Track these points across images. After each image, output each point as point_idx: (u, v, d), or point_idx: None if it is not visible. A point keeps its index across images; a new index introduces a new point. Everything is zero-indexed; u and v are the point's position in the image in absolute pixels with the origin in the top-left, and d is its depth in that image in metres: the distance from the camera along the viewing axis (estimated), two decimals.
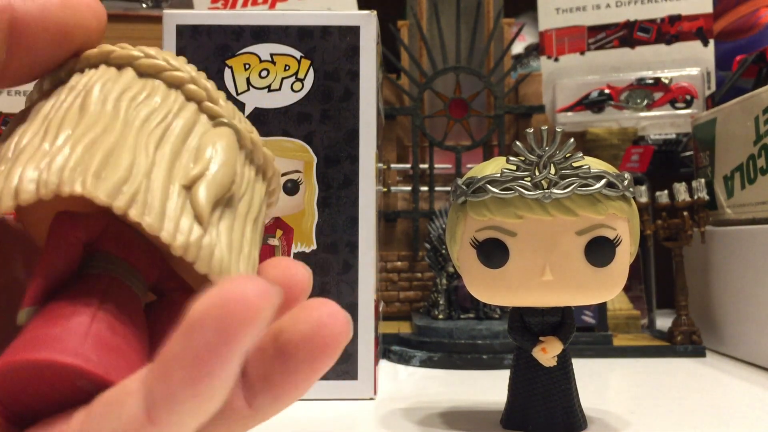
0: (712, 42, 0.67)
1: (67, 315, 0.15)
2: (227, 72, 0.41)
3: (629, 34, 0.68)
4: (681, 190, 0.54)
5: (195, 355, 0.13)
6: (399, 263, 0.65)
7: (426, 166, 0.66)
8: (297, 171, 0.41)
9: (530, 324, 0.33)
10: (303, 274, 0.19)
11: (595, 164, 0.30)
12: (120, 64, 0.19)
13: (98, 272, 0.17)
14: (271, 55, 0.41)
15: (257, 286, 0.13)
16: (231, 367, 0.13)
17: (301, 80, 0.41)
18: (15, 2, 0.18)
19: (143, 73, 0.19)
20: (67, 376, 0.15)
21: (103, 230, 0.18)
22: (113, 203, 0.15)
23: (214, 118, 0.19)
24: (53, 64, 0.19)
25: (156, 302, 0.19)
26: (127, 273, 0.18)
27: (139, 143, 0.17)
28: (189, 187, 0.17)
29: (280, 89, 0.41)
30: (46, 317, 0.15)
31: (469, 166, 0.50)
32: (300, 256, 0.40)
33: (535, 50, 0.80)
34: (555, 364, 0.32)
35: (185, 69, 0.19)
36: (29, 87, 0.20)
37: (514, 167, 0.30)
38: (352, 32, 0.41)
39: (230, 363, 0.13)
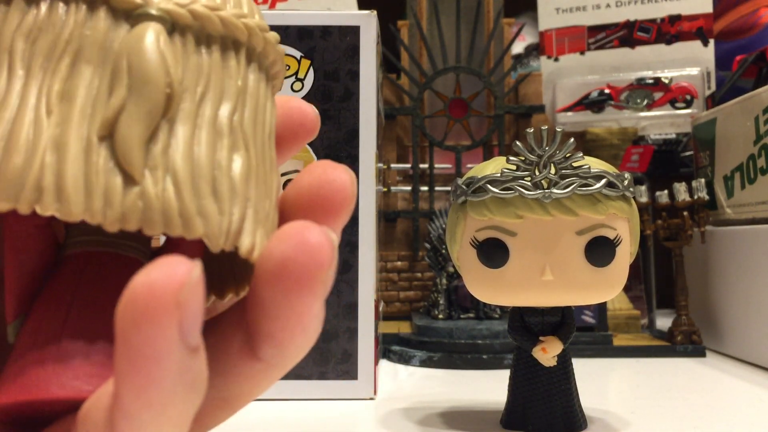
0: (712, 42, 0.67)
1: (40, 330, 0.14)
2: None
3: (629, 34, 0.68)
4: (681, 190, 0.54)
5: (129, 366, 0.12)
6: (399, 263, 0.65)
7: (426, 166, 0.66)
8: (297, 171, 0.41)
9: (530, 324, 0.33)
10: (344, 178, 0.16)
11: (595, 164, 0.30)
12: None
13: (74, 251, 0.15)
14: None
15: (164, 270, 0.11)
16: (173, 364, 0.12)
17: (301, 80, 0.41)
18: None
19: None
20: (48, 403, 0.14)
21: None
22: (17, 206, 0.12)
23: (131, 14, 0.14)
24: None
25: (164, 246, 0.17)
26: (109, 237, 0.15)
27: (42, 95, 0.13)
28: (110, 134, 0.13)
29: (280, 89, 0.41)
30: (26, 334, 0.14)
31: (469, 166, 0.50)
32: None
33: (535, 50, 0.80)
34: (555, 364, 0.32)
35: None
36: None
37: (514, 167, 0.30)
38: (352, 32, 0.41)
39: (167, 361, 0.12)
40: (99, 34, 0.13)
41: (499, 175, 0.30)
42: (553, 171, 0.30)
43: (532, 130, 0.30)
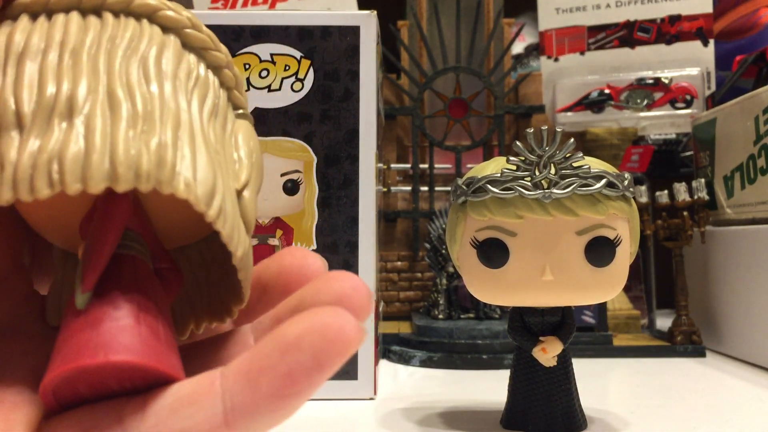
0: (712, 42, 0.67)
1: (115, 308, 0.16)
2: None
3: (629, 34, 0.68)
4: (681, 190, 0.54)
5: (287, 373, 0.13)
6: (399, 263, 0.65)
7: (426, 166, 0.66)
8: (297, 171, 0.41)
9: (530, 324, 0.33)
10: (319, 265, 0.20)
11: (595, 164, 0.30)
12: (166, 27, 0.18)
13: (127, 252, 0.17)
14: (271, 55, 0.41)
15: (353, 322, 0.14)
16: (316, 390, 0.14)
17: (301, 80, 0.41)
18: None
19: (186, 44, 0.18)
20: (126, 372, 0.15)
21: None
22: (209, 213, 0.15)
23: (236, 107, 0.19)
24: None
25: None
26: (145, 250, 0.17)
27: (209, 139, 0.16)
28: (240, 191, 0.17)
29: (280, 89, 0.41)
30: (97, 312, 0.15)
31: (469, 166, 0.50)
32: None
33: (535, 50, 0.80)
34: (555, 364, 0.32)
35: (221, 49, 0.18)
36: None
37: (514, 167, 0.30)
38: (352, 32, 0.41)
39: (317, 386, 0.14)
40: (227, 109, 0.18)
41: (499, 175, 0.30)
42: (553, 171, 0.30)
43: (532, 130, 0.30)
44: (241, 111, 0.19)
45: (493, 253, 0.30)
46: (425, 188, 0.66)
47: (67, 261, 0.19)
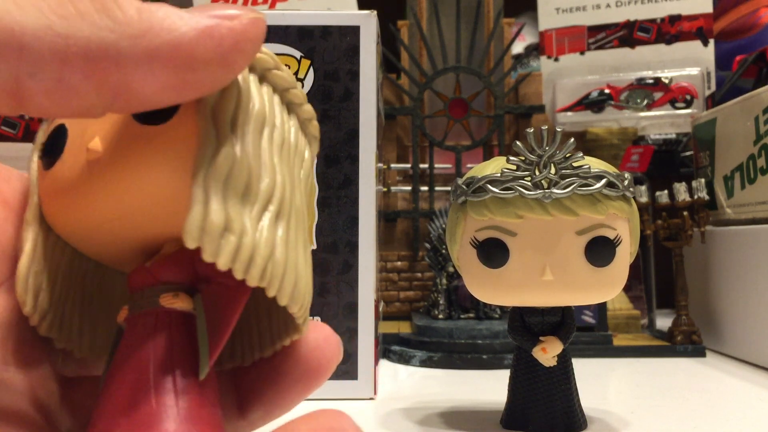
0: (712, 42, 0.67)
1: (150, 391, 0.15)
2: None
3: (629, 34, 0.68)
4: (681, 190, 0.54)
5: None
6: (399, 263, 0.65)
7: (426, 166, 0.66)
8: None
9: (530, 324, 0.32)
10: (336, 344, 0.20)
11: (595, 164, 0.30)
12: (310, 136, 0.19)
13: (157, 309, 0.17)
14: None
15: (354, 425, 0.15)
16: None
17: (301, 80, 0.41)
18: (121, 45, 0.13)
19: (304, 133, 0.19)
20: None
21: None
22: (301, 331, 0.17)
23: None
24: (174, 100, 0.15)
25: (207, 289, 0.18)
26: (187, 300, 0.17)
27: (297, 229, 0.17)
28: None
29: None
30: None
31: (469, 166, 0.50)
32: None
33: (535, 50, 0.80)
34: (555, 364, 0.32)
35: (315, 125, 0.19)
36: None
37: (515, 167, 0.30)
38: (352, 32, 0.41)
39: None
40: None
41: (499, 175, 0.30)
42: (553, 171, 0.30)
43: (532, 130, 0.30)
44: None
45: (493, 253, 0.30)
46: (425, 188, 0.66)
47: None
